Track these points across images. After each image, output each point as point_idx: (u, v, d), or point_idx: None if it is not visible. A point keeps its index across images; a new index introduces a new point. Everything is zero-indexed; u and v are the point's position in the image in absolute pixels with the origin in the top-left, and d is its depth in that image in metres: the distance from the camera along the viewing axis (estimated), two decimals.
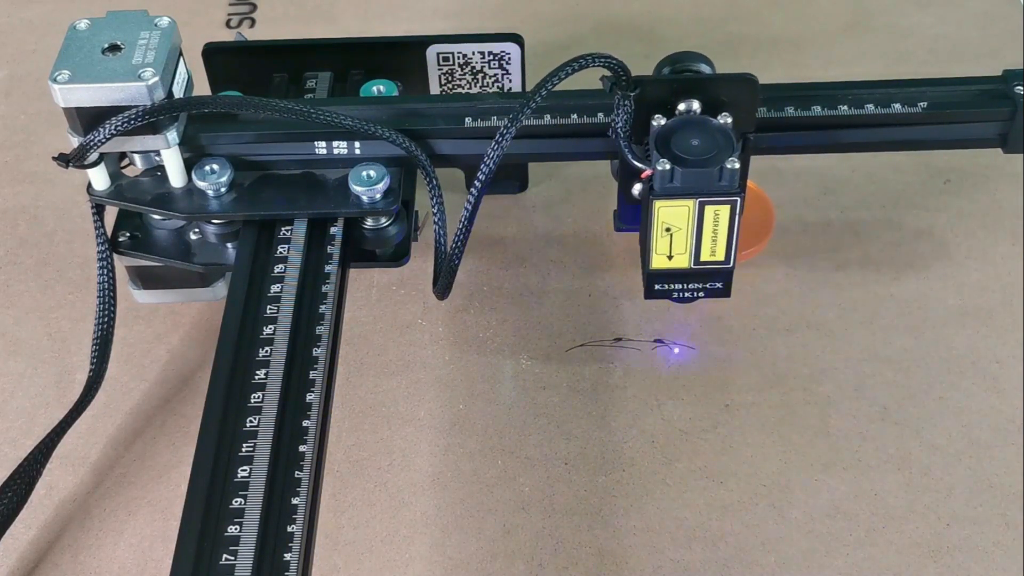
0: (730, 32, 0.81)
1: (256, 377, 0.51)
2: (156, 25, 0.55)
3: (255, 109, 0.55)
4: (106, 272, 0.58)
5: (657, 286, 0.57)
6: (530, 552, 0.54)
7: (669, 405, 0.60)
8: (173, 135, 0.55)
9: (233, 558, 0.45)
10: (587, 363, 0.62)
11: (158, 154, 0.56)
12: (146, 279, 0.62)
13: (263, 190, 0.57)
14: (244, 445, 0.48)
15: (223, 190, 0.57)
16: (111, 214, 0.59)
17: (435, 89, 0.67)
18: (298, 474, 0.48)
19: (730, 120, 0.55)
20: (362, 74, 0.65)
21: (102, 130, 0.53)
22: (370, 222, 0.58)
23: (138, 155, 0.57)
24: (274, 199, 0.57)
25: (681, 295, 0.58)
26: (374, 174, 0.57)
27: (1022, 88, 0.58)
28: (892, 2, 0.83)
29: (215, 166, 0.57)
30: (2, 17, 0.85)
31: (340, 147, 0.57)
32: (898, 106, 0.58)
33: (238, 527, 0.46)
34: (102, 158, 0.56)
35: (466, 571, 0.54)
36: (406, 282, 0.65)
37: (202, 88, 0.65)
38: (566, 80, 0.54)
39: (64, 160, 0.54)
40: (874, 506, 0.56)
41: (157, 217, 0.59)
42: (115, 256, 0.59)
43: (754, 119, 0.56)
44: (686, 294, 0.58)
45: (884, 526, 0.55)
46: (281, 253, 0.56)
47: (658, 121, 0.55)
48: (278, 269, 0.55)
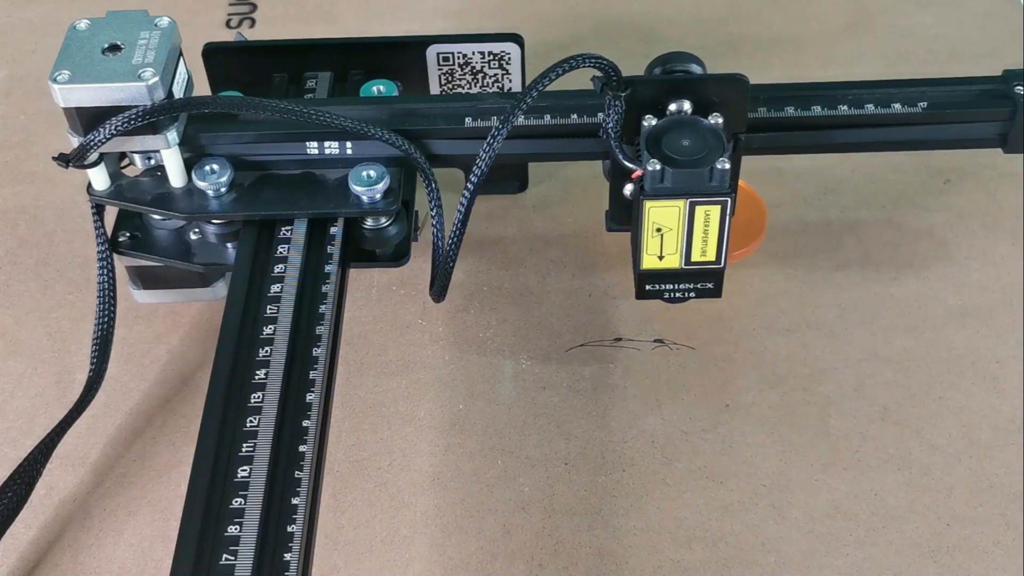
0: (730, 32, 0.81)
1: (256, 377, 0.51)
2: (156, 25, 0.55)
3: (255, 109, 0.55)
4: (106, 272, 0.58)
5: (648, 286, 0.57)
6: (530, 552, 0.54)
7: (669, 405, 0.60)
8: (173, 135, 0.55)
9: (233, 558, 0.45)
10: (587, 363, 0.62)
11: (158, 153, 0.56)
12: (146, 279, 0.62)
13: (263, 190, 0.57)
14: (244, 445, 0.48)
15: (223, 190, 0.57)
16: (111, 214, 0.59)
17: (435, 89, 0.67)
18: (298, 474, 0.48)
19: (721, 120, 0.55)
20: (362, 74, 0.65)
21: (102, 130, 0.53)
22: (370, 222, 0.58)
23: (138, 155, 0.57)
24: (274, 199, 0.57)
25: (672, 295, 0.58)
26: (374, 174, 0.57)
27: (1022, 88, 0.58)
28: (892, 2, 0.83)
29: (215, 166, 0.57)
30: (2, 17, 0.85)
31: (340, 147, 0.57)
32: (898, 106, 0.58)
33: (238, 527, 0.46)
34: (102, 158, 0.56)
35: (466, 571, 0.54)
36: (406, 282, 0.65)
37: (202, 88, 0.65)
38: (566, 81, 0.54)
39: (64, 160, 0.54)
40: (874, 506, 0.56)
41: (157, 217, 0.59)
42: (115, 256, 0.59)
43: (745, 119, 0.56)
44: (677, 294, 0.58)
45: (884, 526, 0.55)
46: (281, 253, 0.56)
47: (649, 121, 0.55)
48: (278, 269, 0.55)
